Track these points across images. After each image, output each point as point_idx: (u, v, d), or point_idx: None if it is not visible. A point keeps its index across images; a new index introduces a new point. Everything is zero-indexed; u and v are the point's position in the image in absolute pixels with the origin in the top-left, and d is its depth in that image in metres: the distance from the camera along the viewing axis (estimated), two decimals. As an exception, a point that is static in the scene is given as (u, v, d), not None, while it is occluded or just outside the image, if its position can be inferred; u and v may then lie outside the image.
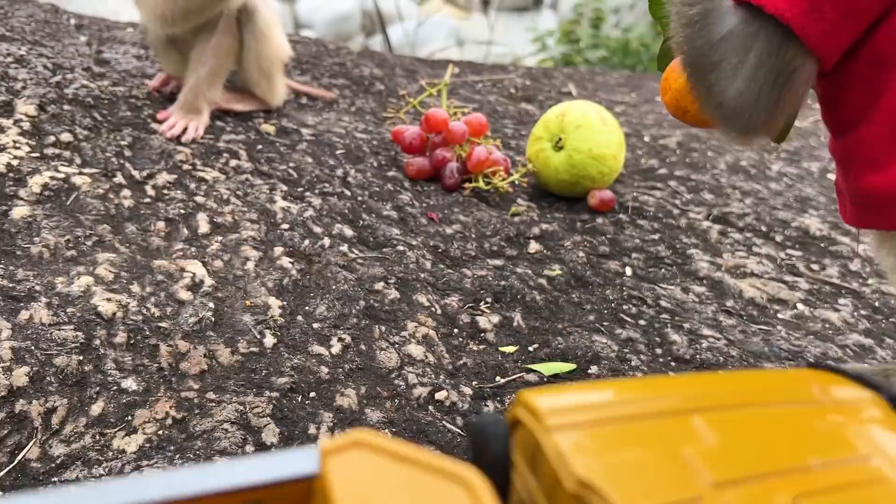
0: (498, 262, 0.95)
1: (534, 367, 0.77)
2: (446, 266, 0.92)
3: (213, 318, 0.74)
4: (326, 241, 0.89)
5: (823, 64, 0.43)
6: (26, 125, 0.96)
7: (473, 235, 1.00)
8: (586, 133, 1.08)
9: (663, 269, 0.99)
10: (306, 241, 0.88)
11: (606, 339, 0.82)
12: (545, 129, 1.12)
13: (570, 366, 0.78)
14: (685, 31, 0.45)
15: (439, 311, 0.84)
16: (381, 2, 4.03)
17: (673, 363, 0.80)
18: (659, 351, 0.82)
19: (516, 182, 1.12)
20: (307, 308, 0.79)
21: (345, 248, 0.89)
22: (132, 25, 1.56)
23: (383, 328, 0.79)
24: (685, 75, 0.46)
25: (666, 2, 0.47)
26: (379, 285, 0.84)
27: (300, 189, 1.00)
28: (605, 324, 0.86)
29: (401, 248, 0.92)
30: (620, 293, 0.92)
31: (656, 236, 1.06)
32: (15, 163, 0.88)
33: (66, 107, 1.02)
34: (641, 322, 0.87)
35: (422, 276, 0.88)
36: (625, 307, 0.89)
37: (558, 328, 0.84)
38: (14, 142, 0.92)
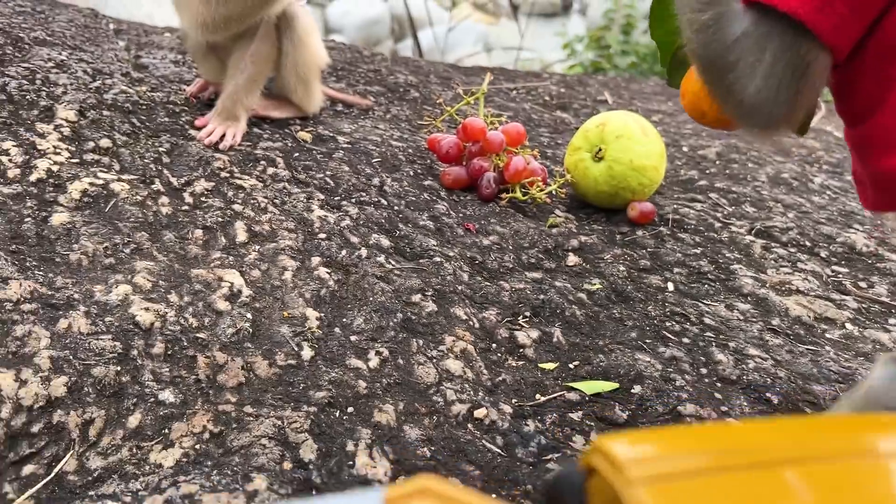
0: (536, 274, 0.93)
1: (575, 385, 0.75)
2: (483, 278, 0.91)
3: (250, 330, 0.73)
4: (363, 252, 0.88)
5: (836, 56, 0.45)
6: (66, 130, 0.96)
7: (511, 247, 0.98)
8: (627, 144, 1.06)
9: (706, 285, 0.96)
10: (343, 252, 0.87)
11: (650, 357, 0.80)
12: (584, 140, 1.10)
13: (613, 385, 0.76)
14: (699, 36, 0.46)
15: (477, 325, 0.82)
16: (410, 6, 4.03)
17: (719, 384, 0.78)
18: (704, 371, 0.79)
19: (554, 193, 1.11)
20: (345, 320, 0.78)
21: (382, 258, 0.88)
22: (169, 30, 1.57)
23: (421, 342, 0.77)
24: (702, 79, 0.48)
25: (677, 11, 0.49)
26: (416, 297, 0.83)
27: (337, 198, 0.99)
28: (647, 341, 0.83)
29: (438, 259, 0.91)
30: (663, 309, 0.89)
31: (698, 250, 1.04)
32: (55, 168, 0.88)
33: (105, 112, 1.03)
34: (685, 340, 0.84)
35: (459, 288, 0.87)
36: (667, 324, 0.87)
37: (599, 345, 0.82)
38: (54, 147, 0.92)
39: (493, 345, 0.80)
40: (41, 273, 0.74)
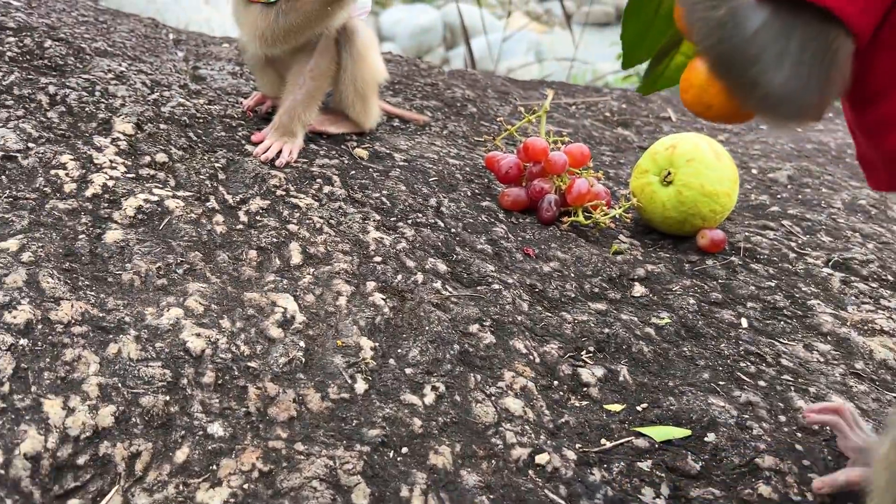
0: (600, 305, 0.89)
1: (643, 430, 0.70)
2: (544, 308, 0.87)
3: (303, 359, 0.70)
4: (419, 277, 0.85)
5: (860, 41, 0.45)
6: (123, 144, 0.95)
7: (572, 274, 0.94)
8: (698, 168, 1.01)
9: (782, 322, 0.90)
10: (399, 276, 0.84)
11: (723, 401, 0.75)
12: (652, 162, 1.05)
13: (685, 431, 0.71)
14: (716, 33, 0.46)
15: (538, 360, 0.78)
16: (464, 15, 4.01)
17: (799, 434, 0.72)
18: (783, 419, 0.73)
19: (618, 217, 1.06)
20: (400, 351, 0.74)
21: (438, 284, 0.85)
22: (227, 41, 1.57)
23: (479, 377, 0.73)
24: (719, 75, 0.48)
25: (685, 11, 0.49)
26: (474, 328, 0.79)
27: (393, 219, 0.96)
28: (720, 383, 0.78)
29: (496, 286, 0.87)
30: (736, 348, 0.84)
31: (772, 283, 0.98)
32: (111, 184, 0.87)
33: (162, 126, 1.02)
34: (761, 383, 0.79)
35: (518, 318, 0.83)
36: (742, 364, 0.81)
37: (669, 386, 0.77)
38: (111, 161, 0.91)
39: (555, 382, 0.76)
40: (93, 293, 0.72)
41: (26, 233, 0.78)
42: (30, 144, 0.90)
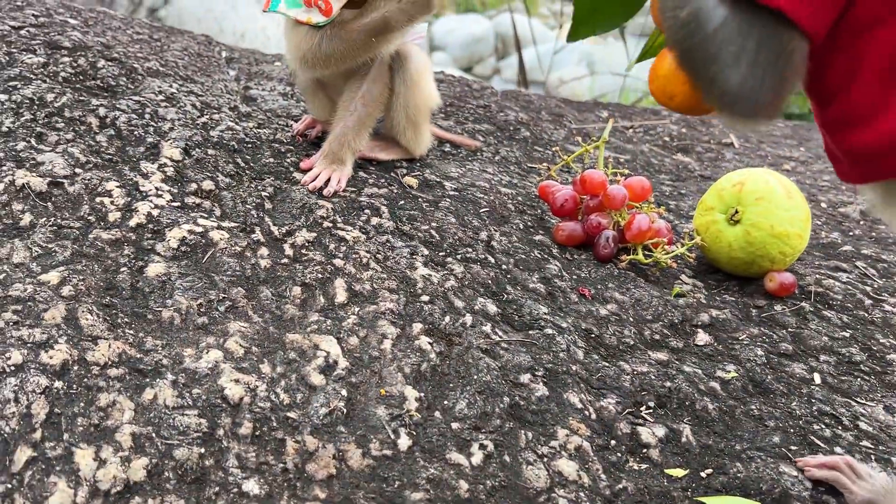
0: (661, 355, 0.83)
1: (709, 500, 0.65)
2: (601, 357, 0.81)
3: (344, 410, 0.67)
4: (468, 319, 0.81)
5: (814, 41, 0.46)
6: (170, 170, 0.93)
7: (631, 319, 0.89)
8: (768, 207, 0.94)
9: (859, 379, 0.83)
10: (447, 318, 0.80)
11: (797, 470, 0.69)
12: (718, 199, 0.99)
13: (754, 505, 0.65)
14: (680, 31, 0.47)
15: (594, 416, 0.73)
16: (515, 25, 3.97)
17: (882, 512, 0.65)
18: (864, 494, 0.67)
19: (680, 256, 1.00)
20: (446, 402, 0.70)
21: (488, 328, 0.80)
22: (279, 59, 1.55)
23: (530, 434, 0.69)
24: (685, 71, 0.49)
25: (660, 12, 0.49)
26: (525, 378, 0.75)
27: (442, 254, 0.92)
28: (793, 448, 0.72)
29: (549, 330, 0.82)
30: (809, 407, 0.77)
31: (847, 333, 0.91)
32: (155, 213, 0.85)
33: (210, 151, 1.00)
34: (838, 450, 0.72)
35: (573, 368, 0.78)
36: (815, 427, 0.75)
37: (737, 449, 0.71)
38: (156, 189, 0.89)
39: (612, 441, 0.71)
40: (131, 332, 0.70)
41: (68, 265, 0.76)
42: (77, 170, 0.89)
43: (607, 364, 0.80)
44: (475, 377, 0.73)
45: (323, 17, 0.93)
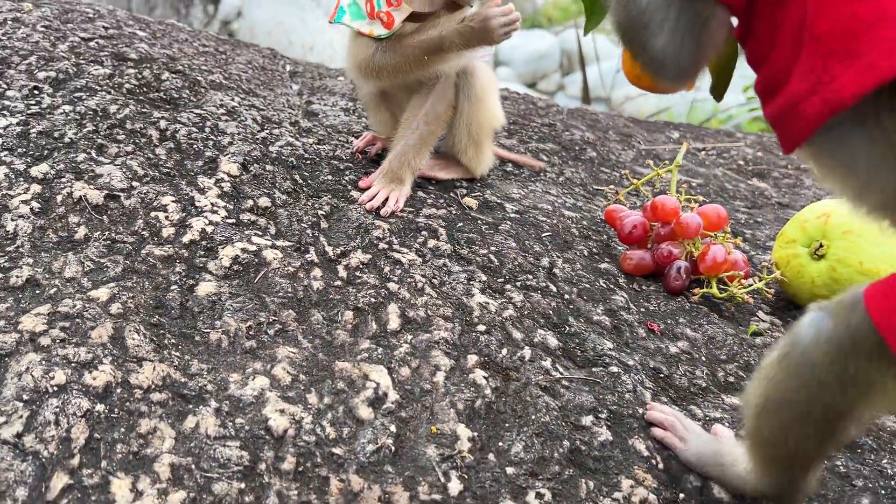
0: (736, 400, 0.77)
1: (789, 571, 0.58)
2: (670, 399, 0.76)
3: (393, 447, 0.63)
4: (527, 352, 0.76)
5: (734, 10, 0.50)
6: (227, 186, 0.92)
7: (703, 358, 0.82)
8: (857, 242, 0.87)
9: (961, 437, 0.75)
10: (504, 351, 0.75)
11: (891, 541, 0.61)
12: (801, 232, 0.92)
13: (843, 580, 0.58)
14: (621, 4, 0.52)
15: (661, 466, 0.67)
16: (579, 42, 3.90)
17: None
18: (970, 573, 0.59)
19: (758, 291, 0.93)
20: (501, 444, 0.66)
21: (548, 363, 0.75)
22: (342, 73, 1.54)
23: (591, 484, 0.64)
24: (621, 40, 0.54)
25: None
26: (587, 420, 0.70)
27: (500, 280, 0.87)
28: (885, 515, 0.65)
29: (614, 368, 0.77)
30: (903, 468, 0.70)
31: (945, 383, 0.82)
32: (209, 229, 0.83)
33: (268, 167, 0.98)
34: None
35: (640, 411, 0.72)
36: None
37: (821, 513, 0.64)
38: (212, 205, 0.87)
39: (681, 495, 0.65)
40: (177, 354, 0.68)
41: (119, 281, 0.74)
42: (134, 183, 0.88)
43: (677, 407, 0.74)
44: (533, 417, 0.68)
45: (385, 30, 0.91)
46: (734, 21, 0.53)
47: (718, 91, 0.66)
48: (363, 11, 0.93)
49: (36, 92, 1.03)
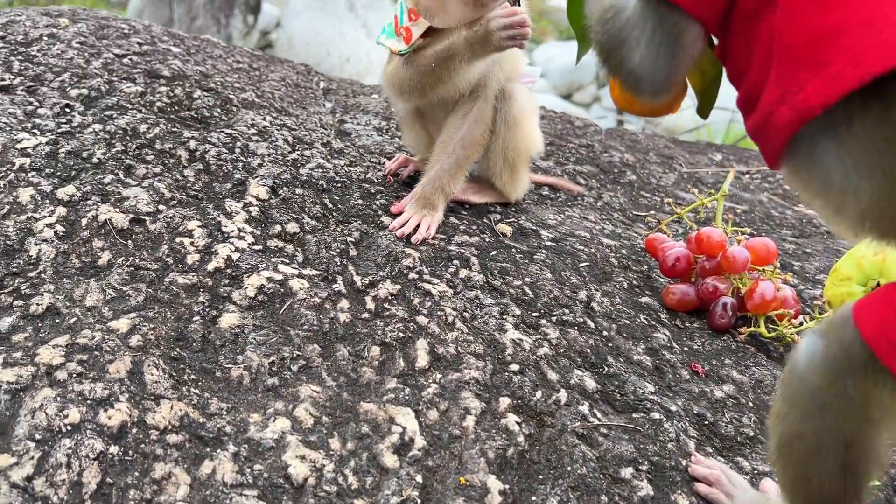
0: (786, 452, 0.71)
1: None
2: (715, 449, 0.71)
3: (419, 501, 0.59)
4: (563, 395, 0.72)
5: (708, 26, 0.51)
6: (255, 210, 0.89)
7: (751, 404, 0.77)
8: (919, 282, 0.81)
9: None
10: (538, 393, 0.71)
11: None
12: (856, 268, 0.86)
13: None
14: (601, 25, 0.54)
15: (707, 526, 0.62)
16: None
17: None
18: None
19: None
20: (534, 498, 0.61)
21: (585, 407, 0.71)
22: (377, 91, 1.52)
23: (631, 545, 0.59)
24: (601, 60, 0.55)
25: (587, 12, 0.57)
26: (627, 472, 0.65)
27: (535, 314, 0.83)
28: (954, 590, 0.59)
29: (656, 414, 0.72)
30: (973, 536, 0.64)
31: None
32: (235, 257, 0.81)
33: (298, 190, 0.95)
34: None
35: (683, 463, 0.68)
36: (983, 563, 0.62)
37: (882, 586, 0.59)
38: (239, 230, 0.85)
39: (728, 560, 0.60)
40: (196, 391, 0.65)
41: (140, 311, 0.72)
42: (160, 206, 0.86)
43: (723, 459, 0.69)
44: (569, 468, 0.64)
45: (405, 45, 0.89)
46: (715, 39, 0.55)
47: (704, 110, 0.67)
48: (393, 30, 0.92)
49: (67, 110, 1.02)
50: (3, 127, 0.95)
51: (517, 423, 0.68)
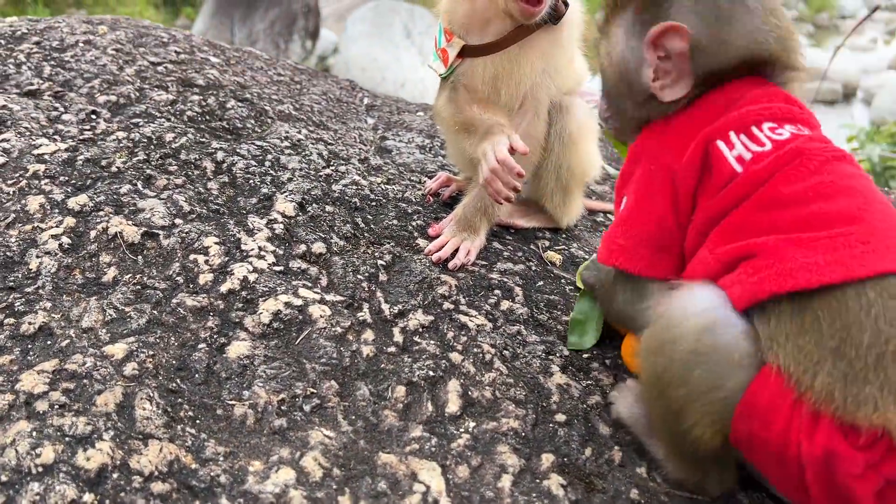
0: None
1: None
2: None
3: (439, 578, 0.49)
4: (617, 455, 0.61)
5: (660, 277, 0.64)
6: (279, 228, 0.81)
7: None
8: None
9: None
10: (587, 451, 0.61)
11: None
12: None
13: None
14: (608, 310, 0.73)
15: None
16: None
17: None
18: None
19: None
20: (579, 581, 0.51)
21: (643, 469, 0.61)
22: (423, 109, 1.44)
23: None
24: (611, 319, 0.75)
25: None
26: (692, 553, 0.54)
27: (586, 356, 0.73)
28: None
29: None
30: None
31: None
32: (252, 277, 0.73)
33: (328, 207, 0.87)
34: None
35: (760, 544, 0.56)
36: None
37: None
38: (259, 249, 0.77)
39: None
40: (192, 431, 0.57)
41: (140, 335, 0.64)
42: (177, 220, 0.79)
43: (808, 542, 0.58)
44: (621, 545, 0.54)
45: (443, 68, 0.83)
46: None
47: None
48: (435, 51, 0.85)
49: (93, 116, 0.96)
50: (24, 132, 0.90)
51: (562, 485, 0.57)
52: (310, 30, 6.02)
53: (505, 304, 0.78)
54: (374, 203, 0.92)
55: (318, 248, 0.80)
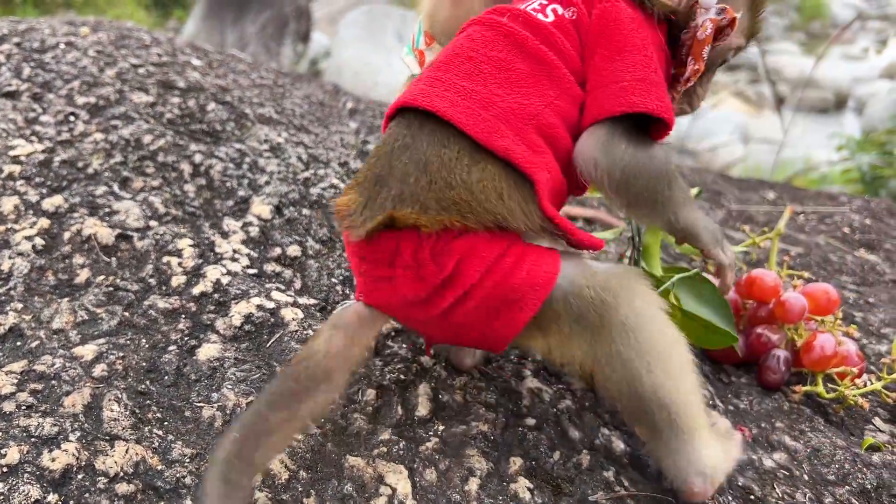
0: (850, 541, 0.60)
1: None
2: (764, 532, 0.60)
3: (402, 581, 0.49)
4: (585, 458, 0.62)
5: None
6: (254, 230, 0.82)
7: (806, 477, 0.66)
8: None
9: None
10: (556, 454, 0.61)
11: None
12: (934, 324, 0.75)
13: None
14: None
15: None
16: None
17: None
18: None
19: (875, 393, 0.76)
20: (543, 584, 0.51)
21: (610, 474, 0.61)
22: (407, 113, 1.44)
23: None
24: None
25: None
26: (656, 556, 0.54)
27: (559, 360, 0.73)
28: None
29: (694, 485, 0.61)
30: None
31: None
32: (225, 280, 0.73)
33: (305, 211, 0.87)
34: None
35: (725, 547, 0.57)
36: None
37: None
38: (234, 252, 0.77)
39: None
40: (159, 433, 0.57)
41: (111, 336, 0.64)
42: (151, 223, 0.79)
43: (773, 546, 0.58)
44: (586, 548, 0.54)
45: (418, 68, 0.82)
46: None
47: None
48: (411, 46, 0.85)
49: (71, 118, 0.96)
50: (0, 133, 0.89)
51: (529, 489, 0.58)
52: (301, 33, 6.01)
53: (479, 309, 0.78)
54: (352, 207, 0.92)
55: (294, 251, 0.80)
